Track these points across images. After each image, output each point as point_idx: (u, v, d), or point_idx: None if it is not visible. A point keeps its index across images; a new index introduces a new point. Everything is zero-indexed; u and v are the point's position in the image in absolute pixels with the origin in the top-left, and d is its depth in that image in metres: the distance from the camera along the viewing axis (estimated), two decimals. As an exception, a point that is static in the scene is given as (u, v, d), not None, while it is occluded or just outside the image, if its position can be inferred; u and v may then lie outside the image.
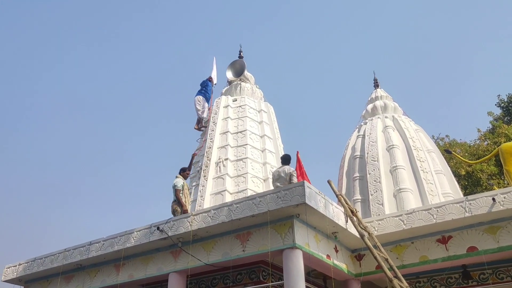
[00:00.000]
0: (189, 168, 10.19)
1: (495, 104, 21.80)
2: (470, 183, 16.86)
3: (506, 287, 8.43)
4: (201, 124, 11.98)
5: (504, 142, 16.91)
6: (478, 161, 11.95)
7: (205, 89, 12.20)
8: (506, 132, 17.02)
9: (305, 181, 6.38)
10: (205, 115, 11.83)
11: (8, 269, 9.54)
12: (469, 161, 11.18)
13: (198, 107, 11.87)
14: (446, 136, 21.03)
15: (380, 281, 8.85)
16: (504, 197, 6.63)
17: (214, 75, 12.60)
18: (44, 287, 9.21)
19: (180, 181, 8.79)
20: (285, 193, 6.42)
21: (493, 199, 6.67)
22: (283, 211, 6.45)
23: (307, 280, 6.49)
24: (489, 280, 8.20)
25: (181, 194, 8.53)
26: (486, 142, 18.39)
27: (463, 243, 7.06)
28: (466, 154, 18.17)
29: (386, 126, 10.76)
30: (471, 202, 6.88)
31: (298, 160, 9.98)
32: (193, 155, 10.69)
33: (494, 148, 17.20)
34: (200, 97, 11.96)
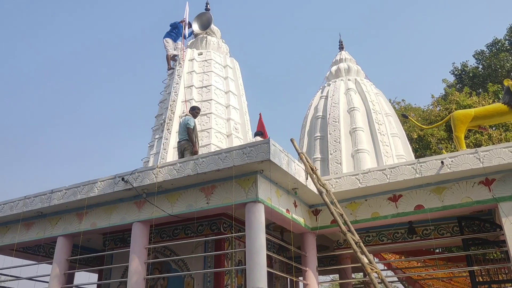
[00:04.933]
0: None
1: (449, 72, 22.74)
2: (420, 146, 17.80)
3: (445, 241, 9.26)
4: (169, 66, 12.16)
5: (455, 109, 17.84)
6: (431, 126, 12.67)
7: (175, 31, 12.40)
8: (457, 99, 17.88)
9: (270, 139, 6.61)
10: (170, 52, 12.07)
11: (-37, 214, 9.38)
12: (423, 126, 11.80)
13: (166, 48, 12.12)
14: (402, 100, 21.90)
15: (334, 234, 9.45)
16: (452, 161, 7.16)
17: (186, 18, 12.60)
18: (3, 233, 9.17)
19: (192, 120, 8.70)
20: (250, 149, 6.63)
21: (442, 162, 7.18)
22: (248, 166, 6.69)
23: (266, 233, 6.85)
24: (431, 235, 8.95)
25: (192, 134, 8.50)
26: (438, 107, 19.28)
27: (412, 201, 7.59)
28: (419, 118, 19.03)
29: (349, 89, 11.10)
30: (422, 164, 7.37)
31: (261, 121, 10.21)
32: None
33: (445, 114, 18.15)
34: (168, 39, 12.23)
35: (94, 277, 11.14)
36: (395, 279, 13.61)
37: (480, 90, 20.48)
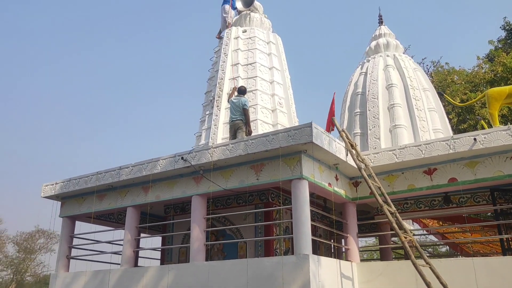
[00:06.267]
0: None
1: (500, 27, 21.95)
2: (464, 110, 17.84)
3: (480, 210, 9.78)
4: (221, 31, 13.19)
5: (502, 71, 17.62)
6: (466, 103, 12.89)
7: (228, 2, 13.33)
8: (504, 61, 17.58)
9: (312, 122, 7.30)
10: (228, 20, 13.00)
11: (46, 187, 10.79)
12: (458, 103, 12.02)
13: (224, 15, 13.13)
14: (446, 63, 21.62)
15: (374, 203, 10.13)
16: (484, 137, 7.60)
17: None
18: (79, 203, 10.55)
19: (248, 101, 9.53)
20: (295, 132, 7.38)
21: (474, 139, 7.62)
22: (293, 147, 7.45)
23: (310, 201, 7.64)
24: (467, 203, 9.49)
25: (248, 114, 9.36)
26: (484, 70, 19.02)
27: (446, 174, 8.11)
28: (463, 82, 18.90)
29: (387, 65, 11.45)
30: (456, 140, 7.83)
31: (333, 101, 10.79)
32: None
33: (491, 76, 17.97)
34: (226, 6, 13.23)
35: (156, 240, 12.55)
36: (437, 243, 14.22)
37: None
